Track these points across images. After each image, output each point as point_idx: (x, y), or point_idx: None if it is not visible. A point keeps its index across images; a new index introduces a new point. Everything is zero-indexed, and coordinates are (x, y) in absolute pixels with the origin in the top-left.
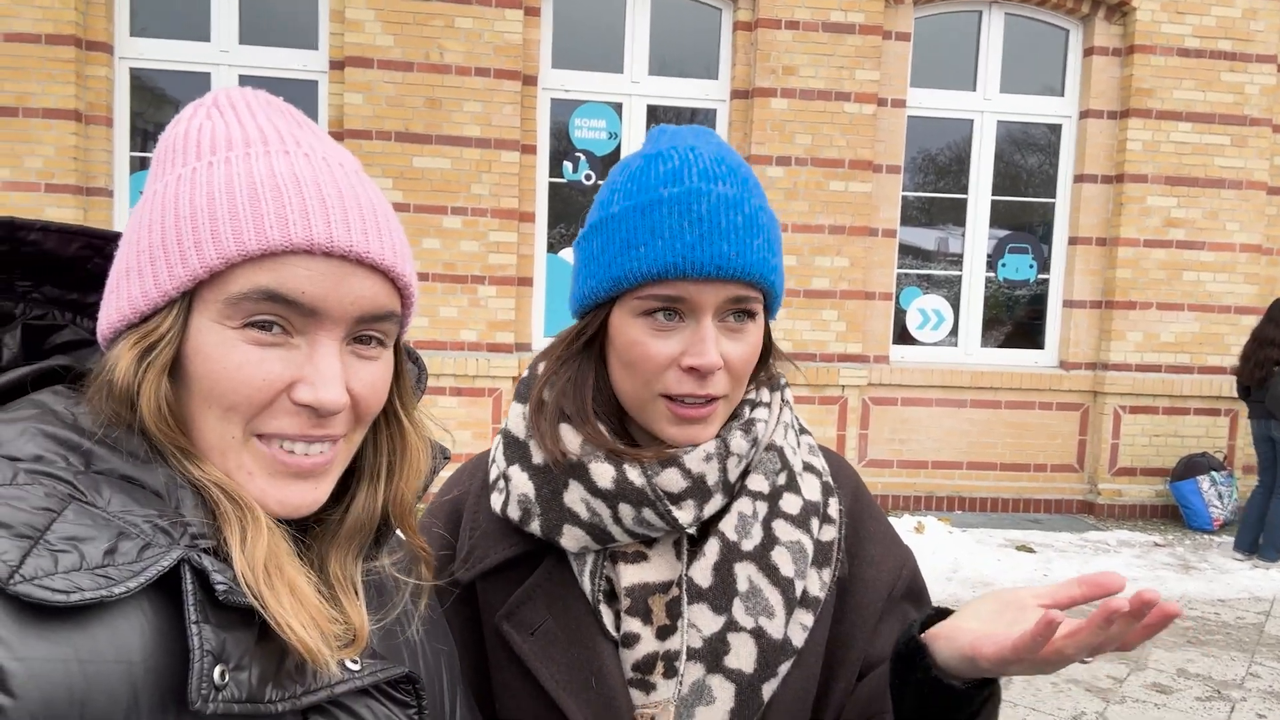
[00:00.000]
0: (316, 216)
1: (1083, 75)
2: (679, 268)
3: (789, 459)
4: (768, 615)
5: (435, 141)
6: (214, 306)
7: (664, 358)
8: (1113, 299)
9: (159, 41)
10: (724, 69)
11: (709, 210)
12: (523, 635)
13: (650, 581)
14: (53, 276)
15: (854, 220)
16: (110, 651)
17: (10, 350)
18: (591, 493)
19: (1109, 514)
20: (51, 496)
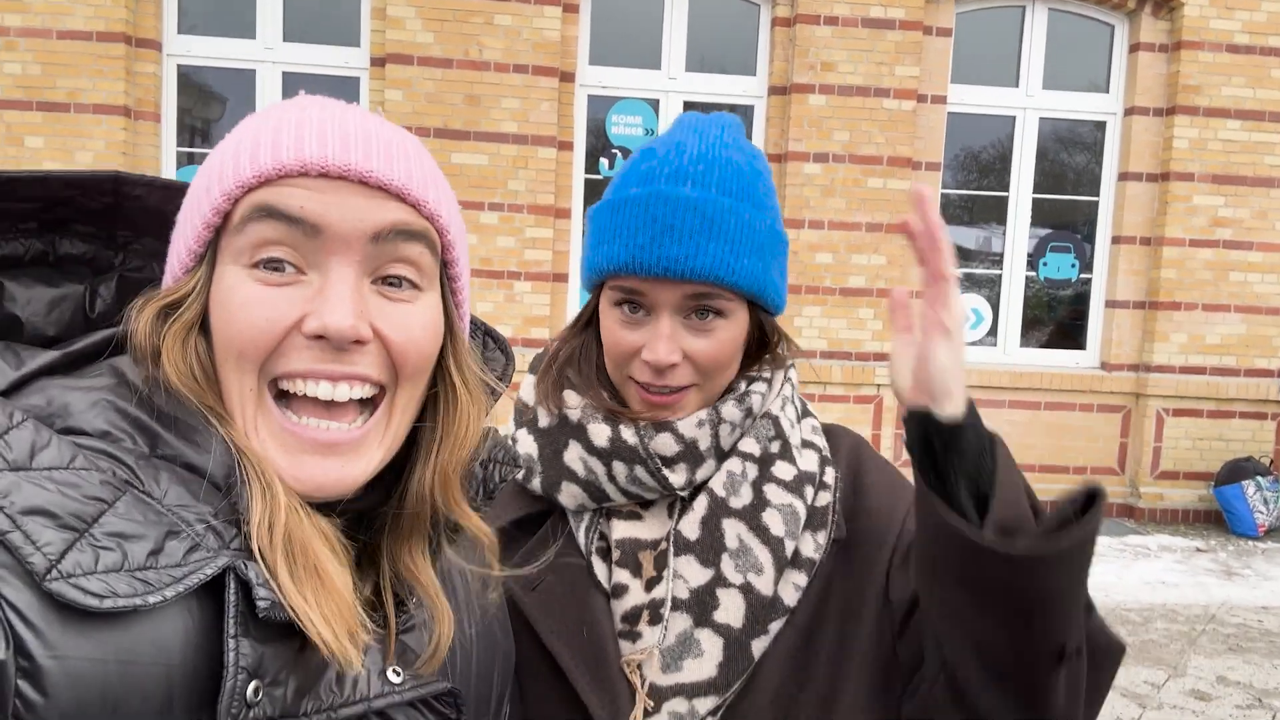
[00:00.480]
0: (311, 140)
1: (1128, 71)
2: (629, 267)
3: (784, 429)
4: (756, 572)
5: (473, 138)
6: (229, 252)
7: (629, 347)
8: (1157, 299)
9: (206, 39)
10: (762, 65)
11: (664, 212)
12: (524, 591)
13: (641, 537)
14: (154, 229)
15: (892, 218)
16: (150, 652)
17: (104, 300)
18: (589, 451)
19: (1150, 518)
20: (106, 484)
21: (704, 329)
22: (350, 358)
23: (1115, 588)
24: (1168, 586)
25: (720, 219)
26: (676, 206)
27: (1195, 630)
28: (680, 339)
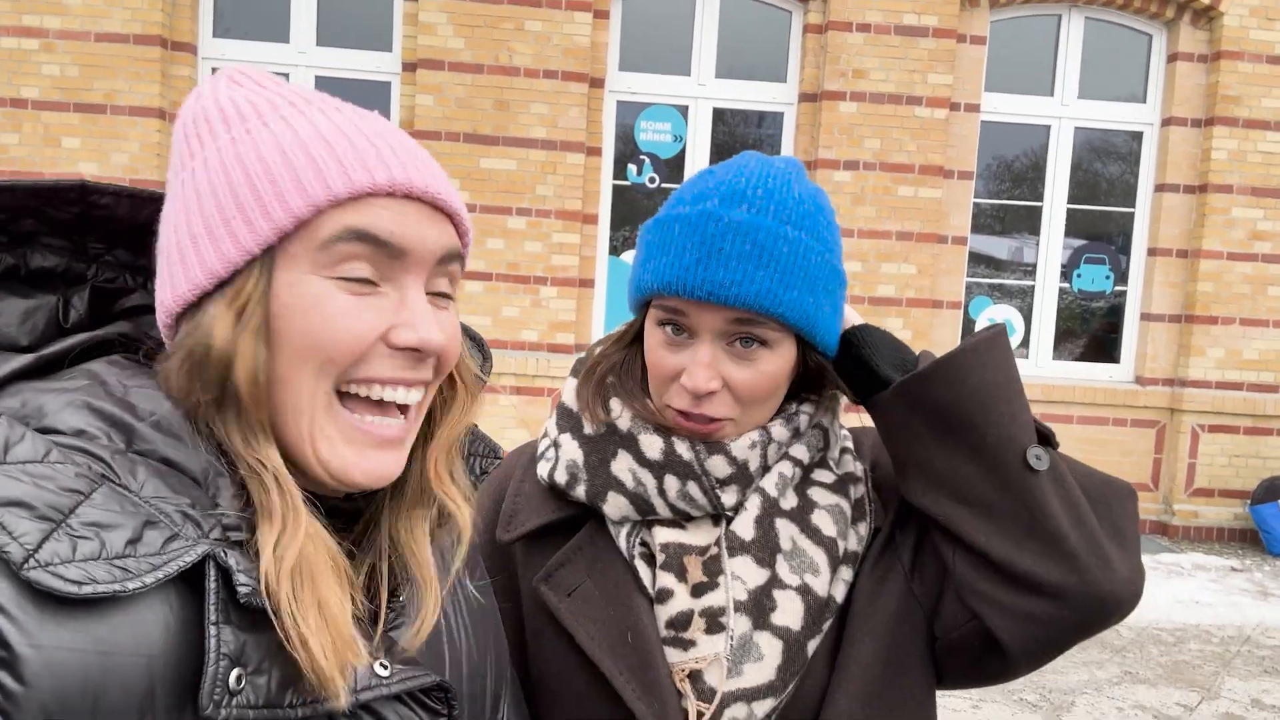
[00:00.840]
0: (394, 161)
1: (1166, 81)
2: (673, 287)
3: (830, 441)
4: (813, 572)
5: (502, 143)
6: (304, 258)
7: (670, 370)
8: (1193, 313)
9: (240, 43)
10: (792, 72)
11: (714, 234)
12: (559, 597)
13: (686, 542)
14: (125, 241)
15: (923, 227)
16: (130, 643)
17: (78, 312)
18: (639, 462)
19: (1184, 536)
20: (81, 477)
21: (746, 357)
22: (422, 365)
23: (1147, 606)
24: (1201, 606)
25: (772, 246)
26: (726, 229)
27: (1229, 652)
28: (721, 366)
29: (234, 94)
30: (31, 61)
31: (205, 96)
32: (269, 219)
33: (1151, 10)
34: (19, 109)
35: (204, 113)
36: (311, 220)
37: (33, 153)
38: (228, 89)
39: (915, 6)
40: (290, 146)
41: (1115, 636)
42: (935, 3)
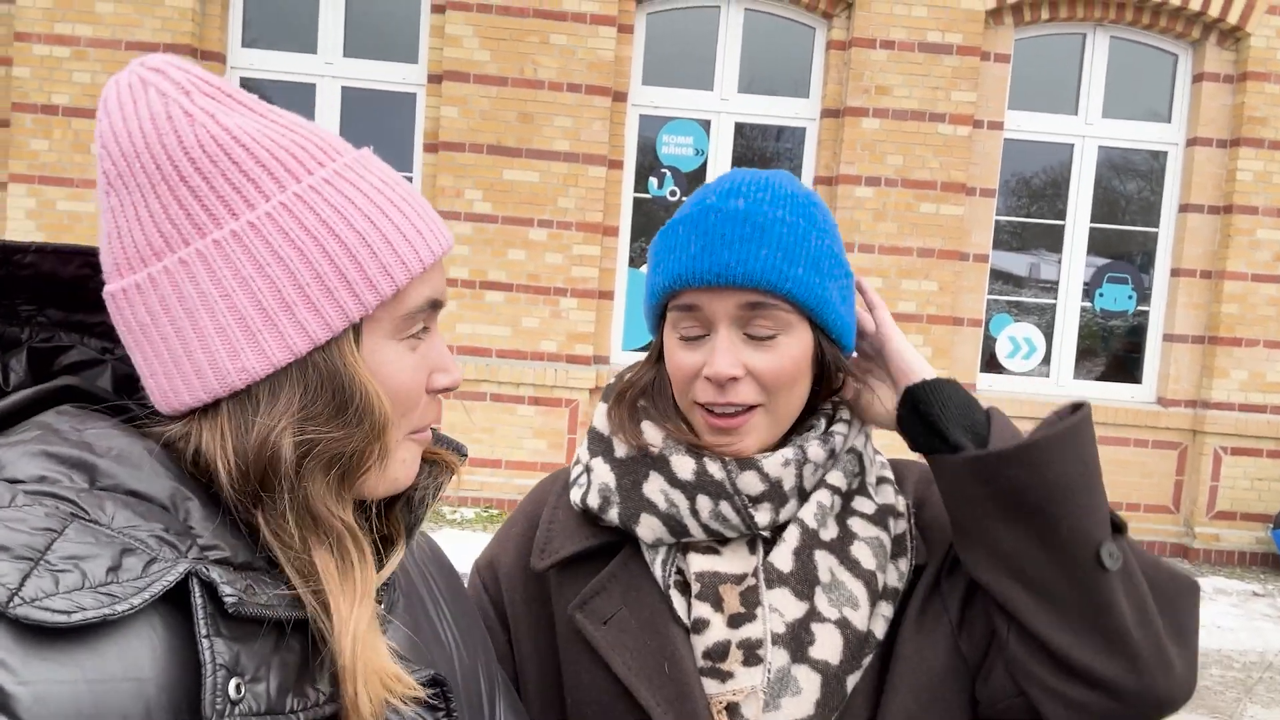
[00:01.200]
0: (439, 223)
1: (1191, 101)
2: (683, 277)
3: (866, 465)
4: (852, 606)
5: (525, 155)
6: (387, 324)
7: (691, 368)
8: (1216, 334)
9: (269, 53)
10: (815, 87)
11: (715, 223)
12: (595, 625)
13: (721, 570)
14: (55, 299)
15: (944, 243)
16: (119, 669)
17: (17, 374)
18: (671, 483)
19: (1205, 559)
20: (52, 516)
21: (764, 343)
22: None
23: None
24: (1223, 631)
25: (772, 227)
26: (728, 217)
27: (1251, 678)
28: (740, 353)
29: (239, 123)
30: (63, 69)
31: (197, 122)
32: (375, 291)
33: (1177, 30)
34: (50, 115)
35: (219, 149)
36: (404, 291)
37: (62, 159)
38: (222, 113)
39: (939, 24)
40: (375, 215)
41: None
42: (959, 20)
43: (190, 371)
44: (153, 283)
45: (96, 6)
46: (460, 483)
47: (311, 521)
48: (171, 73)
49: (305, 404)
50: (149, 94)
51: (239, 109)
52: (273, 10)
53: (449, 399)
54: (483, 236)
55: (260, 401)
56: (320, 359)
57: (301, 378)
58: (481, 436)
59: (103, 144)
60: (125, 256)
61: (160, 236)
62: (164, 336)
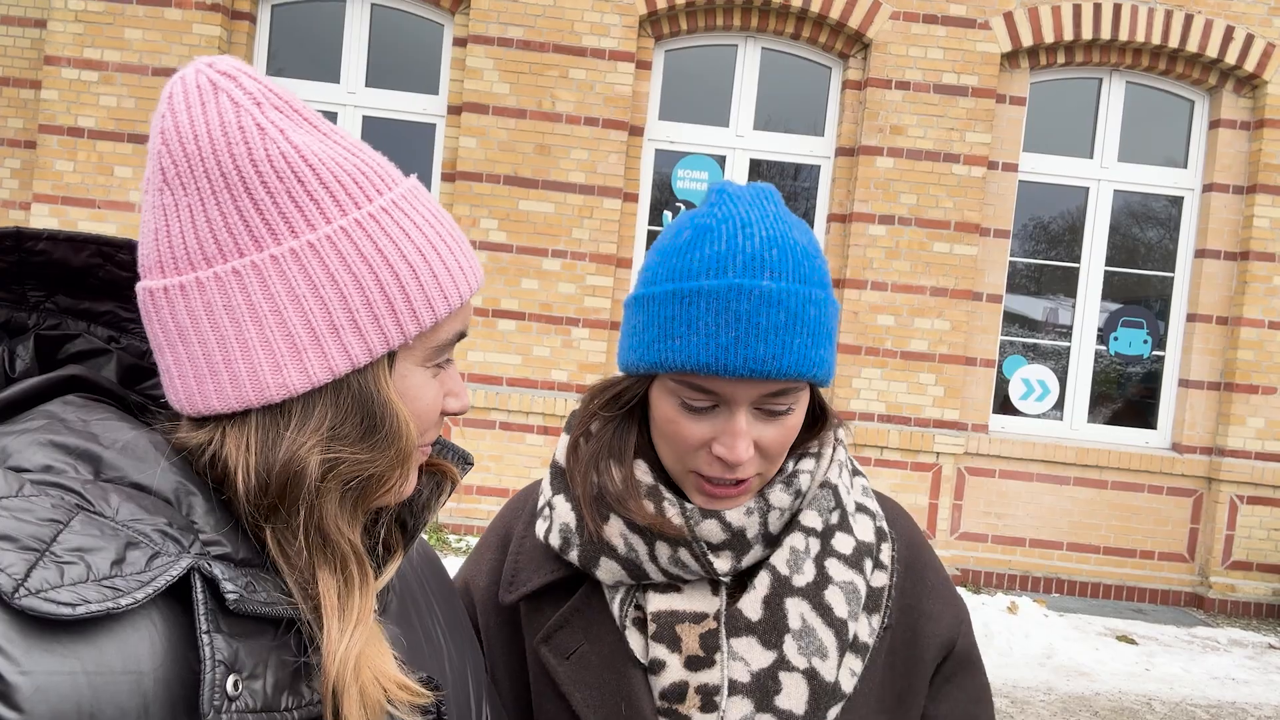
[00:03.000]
0: (474, 259)
1: (1208, 148)
2: (712, 368)
3: (842, 498)
4: (821, 656)
5: (541, 186)
6: (419, 353)
7: (696, 440)
8: (1233, 381)
9: (292, 82)
10: (830, 126)
11: (749, 310)
12: (559, 659)
13: (679, 610)
14: (64, 286)
15: (957, 283)
16: (119, 663)
17: (24, 361)
18: (630, 528)
19: (1220, 609)
20: (58, 508)
21: (775, 418)
22: None
23: (1182, 681)
24: (1238, 684)
25: (802, 311)
26: (761, 302)
27: None
28: (753, 430)
29: (307, 142)
30: (90, 92)
31: (268, 136)
32: (417, 322)
33: (1194, 77)
34: (75, 137)
35: (286, 166)
36: (440, 322)
37: (86, 180)
38: (292, 130)
39: (955, 66)
40: (425, 249)
41: (1149, 712)
42: (975, 63)
43: (226, 379)
44: (200, 287)
45: (125, 33)
46: (462, 488)
47: (321, 541)
48: (244, 80)
49: (335, 424)
50: (220, 99)
51: (306, 126)
52: (297, 40)
53: (458, 426)
54: (497, 265)
55: (293, 417)
56: (355, 381)
57: (335, 398)
58: (489, 464)
59: (164, 140)
60: (172, 256)
61: (215, 243)
62: (203, 341)
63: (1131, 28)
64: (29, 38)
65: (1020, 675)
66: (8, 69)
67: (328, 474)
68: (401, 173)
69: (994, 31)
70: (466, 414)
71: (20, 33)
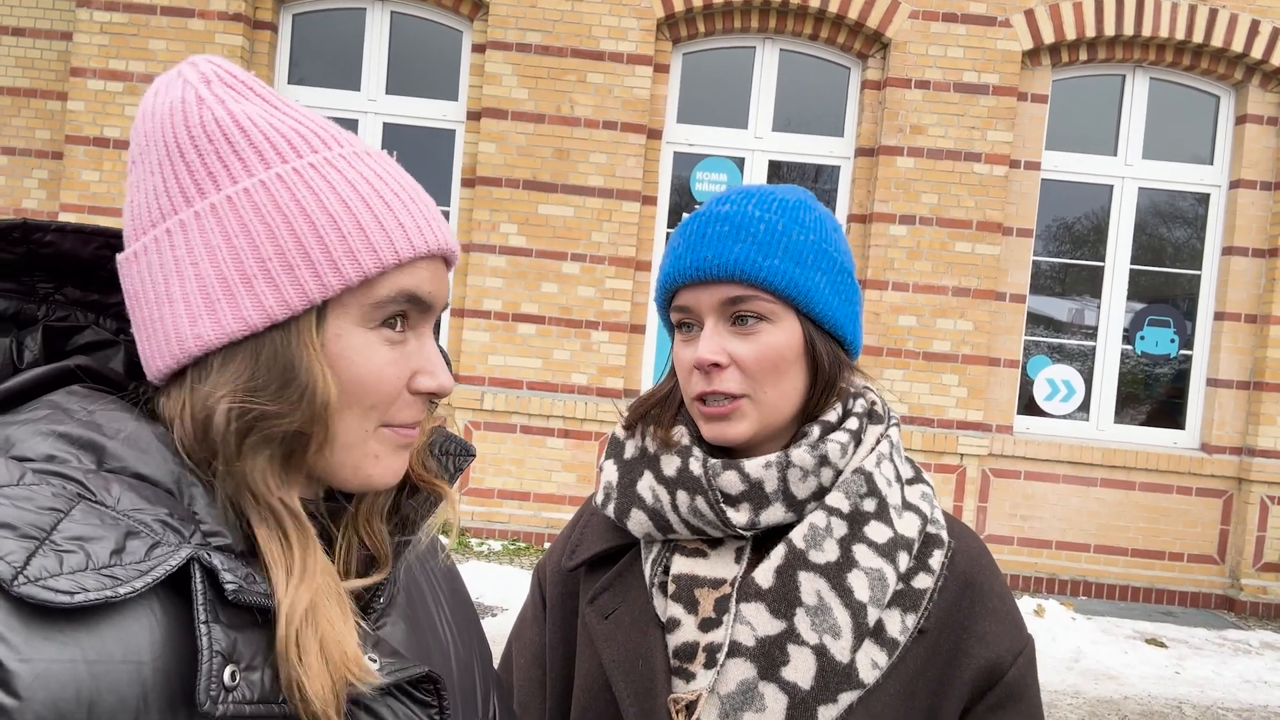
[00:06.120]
0: (438, 225)
1: (1234, 143)
2: (672, 275)
3: (879, 487)
4: (833, 635)
5: (560, 190)
6: (355, 310)
7: (687, 362)
8: (1263, 380)
9: (314, 89)
10: (849, 126)
11: (700, 225)
12: (598, 619)
13: (700, 574)
14: (73, 278)
15: (980, 283)
16: (119, 651)
17: (32, 352)
18: (658, 480)
19: (1252, 612)
20: (59, 496)
21: (747, 332)
22: (432, 404)
23: (1213, 684)
24: (1270, 687)
25: (749, 224)
26: (712, 219)
27: None
28: (725, 341)
29: (246, 109)
30: (116, 103)
31: (205, 105)
32: (339, 274)
33: (1219, 72)
34: (101, 147)
35: (218, 130)
36: (373, 279)
37: (111, 189)
38: (233, 100)
39: (975, 65)
40: (354, 202)
41: (1179, 716)
42: (996, 61)
43: (161, 338)
44: (144, 250)
45: (149, 44)
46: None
47: (252, 498)
48: (201, 65)
49: (251, 377)
50: (174, 82)
51: (253, 99)
52: (318, 49)
53: (479, 430)
54: (516, 270)
55: (213, 371)
56: (277, 336)
57: (255, 352)
58: (510, 468)
59: (133, 128)
60: (132, 227)
61: (157, 208)
62: (146, 302)
63: (1155, 23)
64: (55, 50)
65: (1048, 679)
66: (35, 81)
67: (247, 431)
68: (362, 142)
69: (1015, 29)
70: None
71: (47, 45)
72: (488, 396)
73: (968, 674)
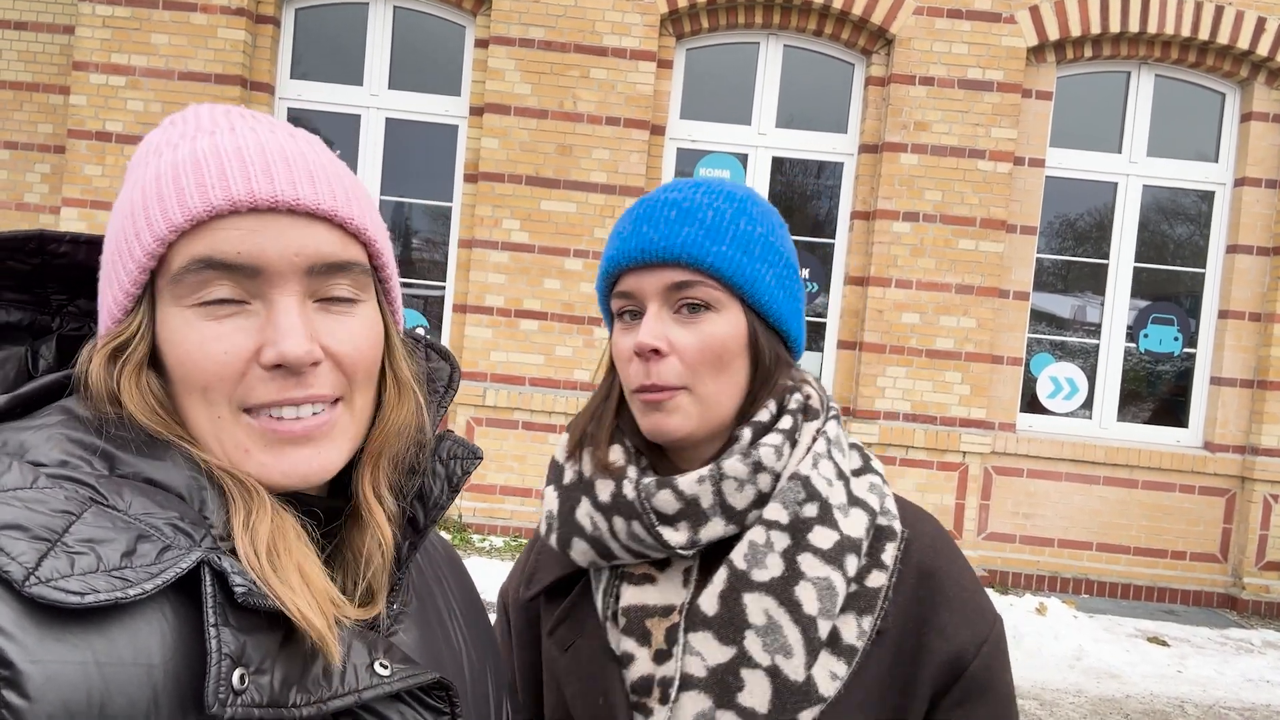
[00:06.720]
0: (235, 176)
1: (1239, 141)
2: (615, 259)
3: (819, 489)
4: (785, 654)
5: (563, 186)
6: (166, 291)
7: (626, 350)
8: (1266, 378)
9: (316, 84)
10: (853, 123)
11: (645, 210)
12: (559, 651)
13: (649, 604)
14: (86, 289)
15: (983, 280)
16: (129, 654)
17: (46, 361)
18: (595, 506)
19: (1254, 611)
20: (71, 500)
21: (691, 321)
22: (307, 380)
23: (1215, 683)
24: (1273, 686)
25: (697, 210)
26: (658, 204)
27: None
28: (667, 329)
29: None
30: (118, 97)
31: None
32: (134, 260)
33: (1225, 69)
34: (104, 142)
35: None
36: (167, 255)
37: (114, 183)
38: (157, 130)
39: (980, 61)
40: (150, 183)
41: (1181, 715)
42: (1000, 58)
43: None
44: None
45: (152, 38)
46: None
47: None
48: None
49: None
50: None
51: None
52: (321, 43)
53: (482, 427)
54: (519, 265)
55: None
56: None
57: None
58: (513, 464)
59: None
60: None
61: None
62: None
63: (1160, 20)
64: (57, 44)
65: (1049, 677)
66: (37, 75)
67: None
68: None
69: (1020, 25)
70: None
71: (49, 39)
72: (490, 393)
73: (930, 671)
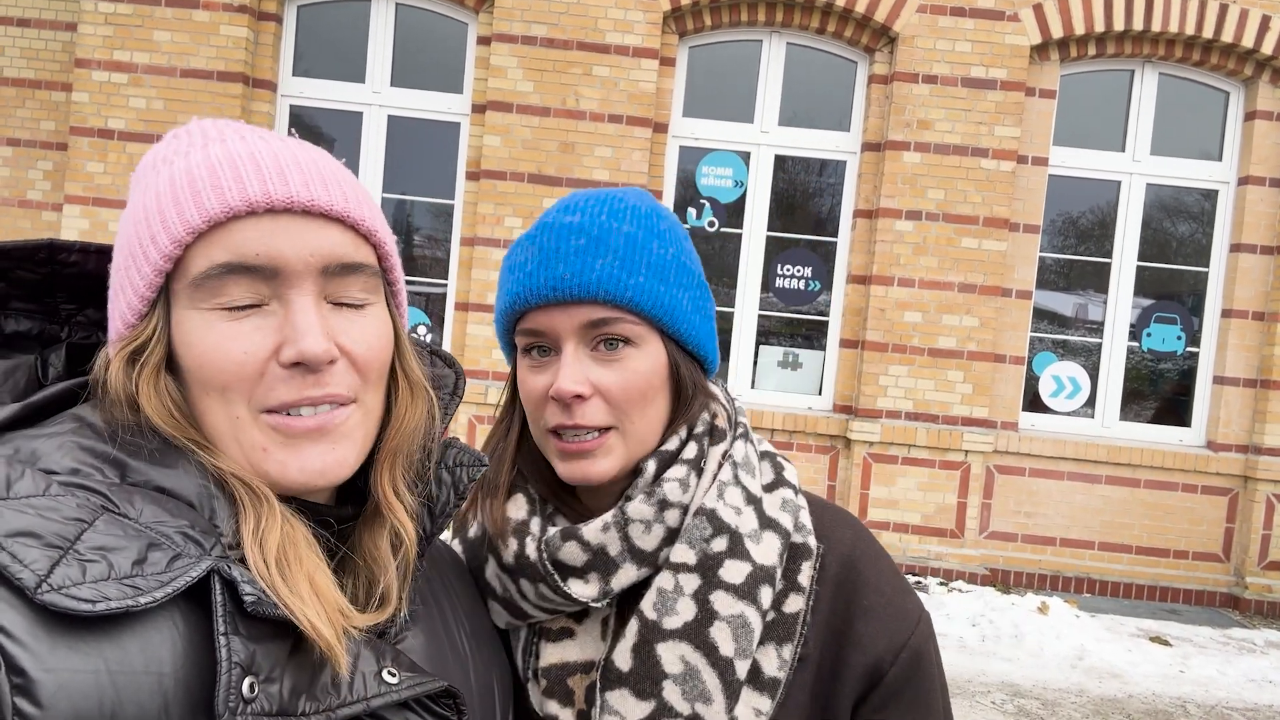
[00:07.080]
0: (251, 178)
1: (1243, 140)
2: (522, 296)
3: (727, 521)
4: (704, 700)
5: (565, 184)
6: (184, 294)
7: (539, 391)
8: (1270, 378)
9: (318, 82)
10: (856, 121)
11: (549, 238)
12: None
13: (570, 661)
14: (94, 299)
15: (986, 279)
16: (140, 662)
17: (56, 369)
18: (500, 568)
19: (1257, 611)
20: (83, 507)
21: (612, 359)
22: (324, 379)
23: (1217, 684)
24: (1275, 686)
25: (607, 238)
26: (562, 231)
27: None
28: (588, 370)
29: (162, 146)
30: (120, 94)
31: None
32: (149, 263)
33: (1229, 68)
34: (106, 139)
35: (138, 169)
36: (184, 258)
37: (116, 180)
38: (163, 142)
39: (983, 60)
40: (164, 189)
41: (1183, 715)
42: (1004, 56)
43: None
44: None
45: (154, 35)
46: None
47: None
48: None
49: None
50: None
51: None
52: (323, 40)
53: (484, 425)
54: None
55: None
56: (134, 330)
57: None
58: None
59: None
60: None
61: None
62: None
63: (1164, 18)
64: (60, 41)
65: (1051, 677)
66: (39, 72)
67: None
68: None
69: (1023, 23)
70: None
71: (51, 36)
72: (492, 391)
73: (849, 686)
